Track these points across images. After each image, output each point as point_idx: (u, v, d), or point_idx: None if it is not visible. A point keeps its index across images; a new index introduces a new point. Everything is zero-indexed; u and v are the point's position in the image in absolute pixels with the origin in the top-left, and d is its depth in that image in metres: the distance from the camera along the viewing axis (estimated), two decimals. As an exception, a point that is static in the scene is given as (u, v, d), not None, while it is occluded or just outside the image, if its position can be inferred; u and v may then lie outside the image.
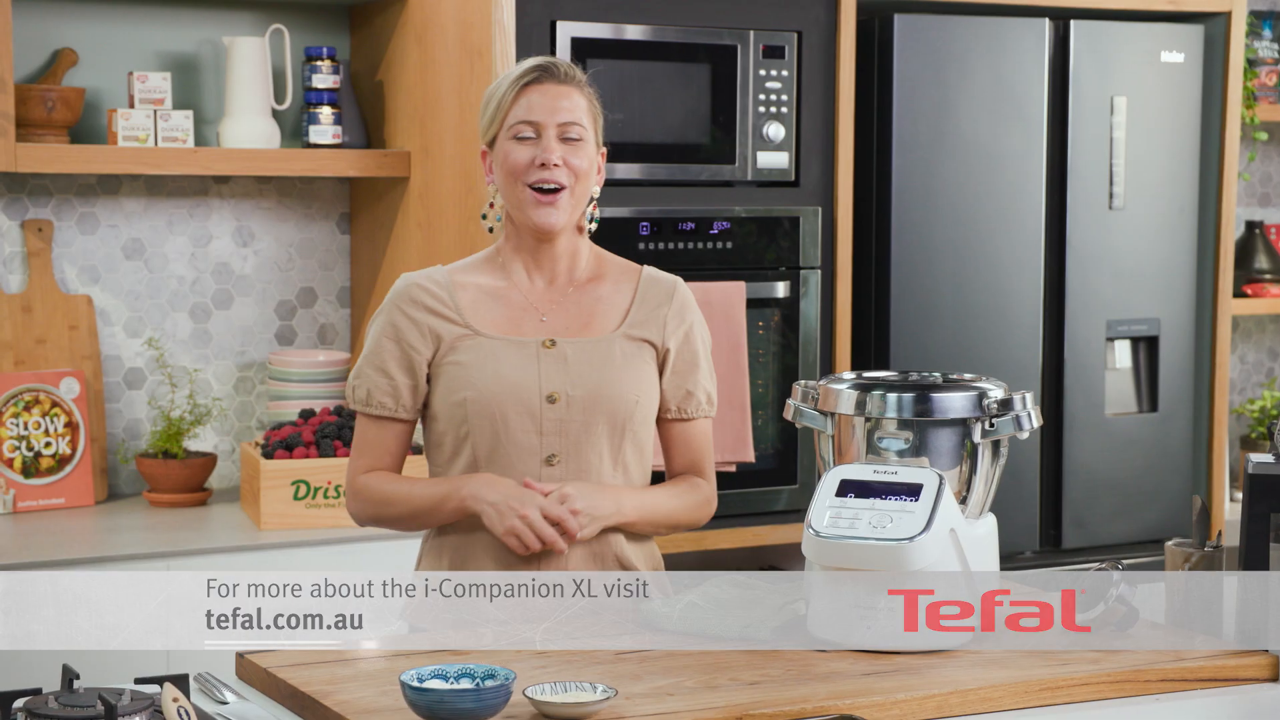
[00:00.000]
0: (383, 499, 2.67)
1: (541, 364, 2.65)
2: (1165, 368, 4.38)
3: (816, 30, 3.99)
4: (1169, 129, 4.36)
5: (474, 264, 2.75)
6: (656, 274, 2.78)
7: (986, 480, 2.53)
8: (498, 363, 2.63)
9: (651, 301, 2.73)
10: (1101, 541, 4.31)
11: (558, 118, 2.64)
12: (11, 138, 3.59)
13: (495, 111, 2.67)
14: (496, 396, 2.62)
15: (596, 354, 2.67)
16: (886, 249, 4.07)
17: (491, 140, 2.69)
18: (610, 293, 2.73)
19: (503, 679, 2.10)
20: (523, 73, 2.66)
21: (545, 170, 2.62)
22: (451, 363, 2.64)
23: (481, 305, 2.68)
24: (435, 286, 2.69)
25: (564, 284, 2.72)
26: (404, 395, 2.67)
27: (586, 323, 2.70)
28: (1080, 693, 2.31)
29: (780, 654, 2.41)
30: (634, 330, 2.71)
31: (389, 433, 2.69)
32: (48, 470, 3.80)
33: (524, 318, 2.68)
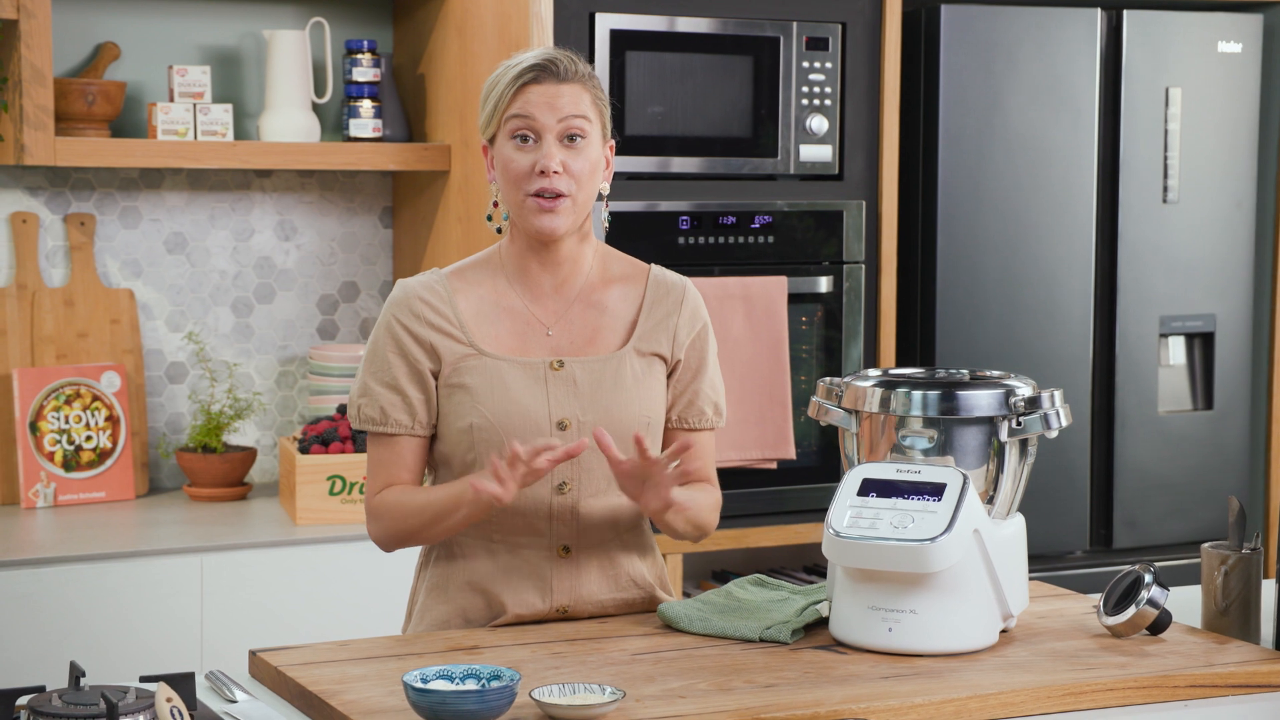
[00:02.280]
0: (403, 512, 2.51)
1: (550, 389, 2.52)
2: (1221, 365, 4.30)
3: (861, 21, 3.94)
4: (1226, 121, 4.27)
5: (474, 267, 2.59)
6: (664, 276, 2.63)
7: (1014, 480, 2.47)
8: (506, 388, 2.50)
9: (661, 310, 2.59)
10: (1154, 542, 4.23)
11: (559, 119, 2.48)
12: (51, 131, 3.59)
13: (494, 110, 2.52)
14: (505, 424, 2.49)
15: (606, 375, 2.53)
16: (932, 243, 4.01)
17: (491, 138, 2.55)
18: (617, 300, 2.59)
19: (508, 680, 2.07)
20: (521, 70, 2.50)
21: (546, 179, 2.47)
22: (457, 385, 2.51)
23: (485, 318, 2.54)
24: (436, 298, 2.54)
25: (569, 291, 2.57)
26: (419, 410, 2.53)
27: (593, 337, 2.56)
28: (1105, 698, 2.25)
29: (799, 656, 2.37)
30: (643, 344, 2.57)
31: (406, 449, 2.54)
32: (88, 464, 3.80)
33: (529, 332, 2.55)
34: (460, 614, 2.56)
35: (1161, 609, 2.46)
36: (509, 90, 2.51)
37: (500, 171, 2.52)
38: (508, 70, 2.53)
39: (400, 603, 3.52)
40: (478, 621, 2.55)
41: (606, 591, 2.58)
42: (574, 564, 2.56)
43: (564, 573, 2.55)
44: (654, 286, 2.62)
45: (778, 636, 2.42)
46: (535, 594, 2.54)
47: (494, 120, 2.52)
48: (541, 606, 2.54)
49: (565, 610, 2.56)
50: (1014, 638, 2.47)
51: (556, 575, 2.55)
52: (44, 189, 3.88)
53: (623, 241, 3.71)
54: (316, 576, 3.50)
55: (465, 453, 2.52)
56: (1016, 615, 2.48)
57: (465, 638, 2.45)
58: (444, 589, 2.58)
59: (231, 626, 3.42)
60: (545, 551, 2.55)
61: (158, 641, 3.37)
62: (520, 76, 2.51)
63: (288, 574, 3.48)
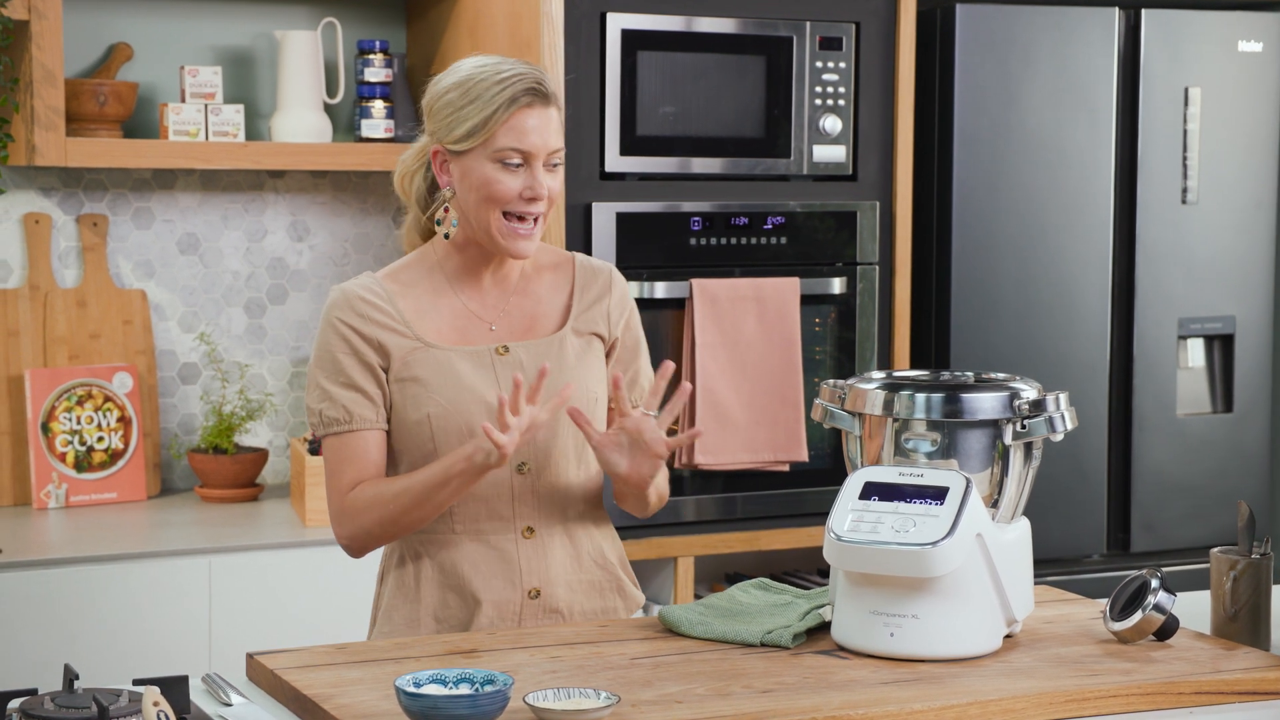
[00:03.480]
0: (382, 500, 2.48)
1: (499, 373, 2.54)
2: (1241, 367, 4.26)
3: (875, 21, 3.91)
4: (1246, 121, 4.23)
5: (406, 269, 2.59)
6: (590, 261, 2.68)
7: (1019, 483, 2.44)
8: (457, 375, 2.52)
9: (591, 293, 2.63)
10: (1172, 546, 4.19)
11: (549, 146, 2.49)
12: (62, 132, 3.59)
13: (478, 128, 2.47)
14: (461, 411, 2.50)
15: (549, 355, 2.57)
16: (947, 245, 3.98)
17: (460, 151, 2.50)
18: (548, 288, 2.62)
19: (501, 685, 2.05)
20: (517, 94, 2.47)
21: (533, 204, 2.49)
22: (409, 378, 2.52)
23: (425, 315, 2.55)
24: (376, 298, 2.53)
25: (507, 286, 2.60)
26: (380, 405, 2.53)
27: (530, 324, 2.60)
28: (1109, 705, 2.22)
29: (800, 661, 2.35)
30: (581, 325, 2.61)
31: (372, 444, 2.53)
32: (100, 465, 3.80)
33: (470, 327, 2.57)
34: (431, 614, 2.56)
35: (1168, 614, 2.43)
36: (502, 113, 2.47)
37: (475, 188, 2.50)
38: (492, 85, 2.48)
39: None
40: (451, 620, 2.55)
41: (572, 572, 2.60)
42: (539, 544, 2.57)
43: (530, 554, 2.57)
44: (581, 271, 2.66)
45: (779, 641, 2.40)
46: (504, 579, 2.55)
47: (475, 138, 2.48)
48: (512, 592, 2.55)
49: (536, 592, 2.56)
50: (1018, 643, 2.44)
51: (523, 557, 2.56)
52: (57, 190, 3.88)
53: (634, 242, 3.71)
54: (325, 578, 3.49)
55: (424, 443, 2.52)
56: (1021, 620, 2.46)
57: (464, 641, 2.43)
58: (412, 588, 2.58)
59: (240, 628, 3.42)
60: (510, 534, 2.56)
61: (166, 643, 3.36)
62: (516, 100, 2.48)
63: (296, 575, 3.48)
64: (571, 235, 3.67)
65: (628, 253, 3.70)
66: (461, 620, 2.56)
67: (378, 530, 2.52)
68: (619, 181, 3.73)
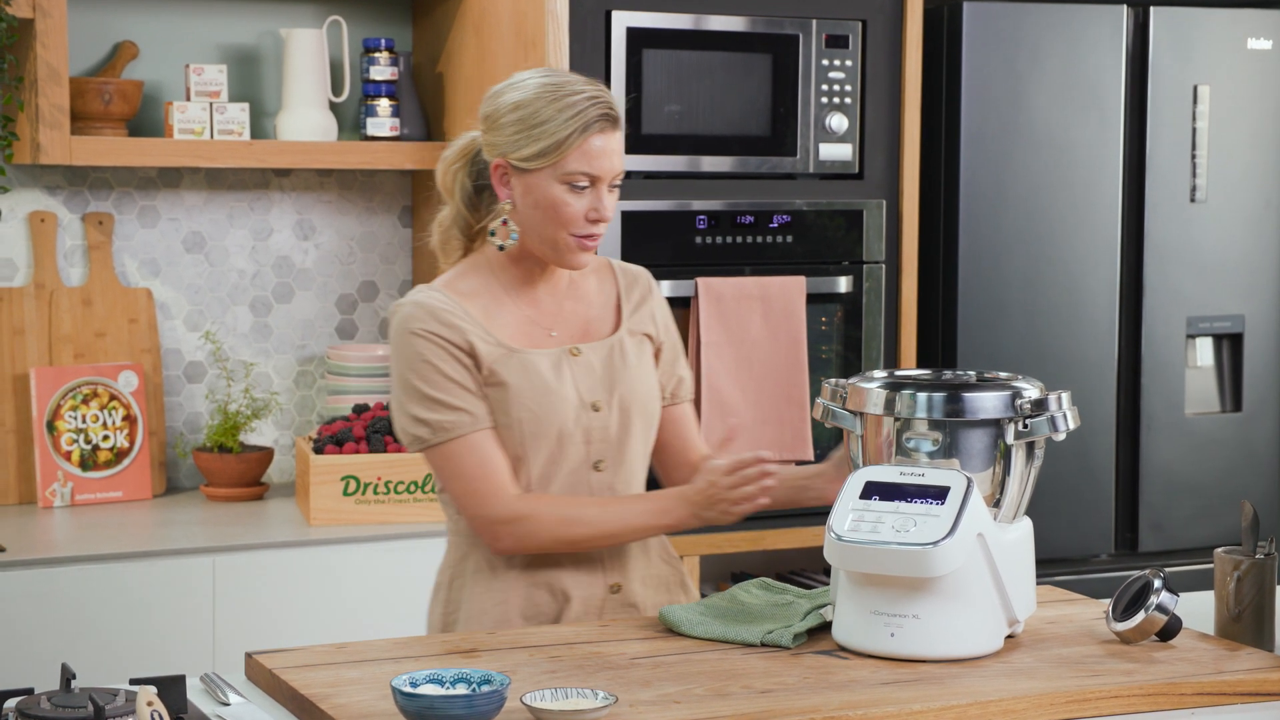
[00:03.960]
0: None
1: (575, 374, 2.60)
2: (1250, 366, 4.24)
3: (882, 19, 3.90)
4: (1255, 119, 4.22)
5: (462, 278, 2.62)
6: (627, 266, 2.75)
7: (1020, 483, 2.43)
8: (544, 379, 2.56)
9: (636, 295, 2.71)
10: (1180, 545, 4.18)
11: (615, 170, 2.55)
12: (67, 131, 3.59)
13: (550, 149, 2.50)
14: (551, 414, 2.56)
15: (614, 356, 2.64)
16: (954, 243, 3.96)
17: (528, 169, 2.53)
18: (595, 292, 2.69)
19: (498, 685, 2.05)
20: (591, 120, 2.50)
21: (598, 225, 2.55)
22: (497, 384, 2.55)
23: (495, 321, 2.58)
24: (451, 305, 2.56)
25: (558, 291, 2.66)
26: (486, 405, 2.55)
27: (585, 328, 2.66)
28: (1109, 705, 2.21)
29: (800, 661, 2.34)
30: (633, 326, 2.69)
31: (496, 442, 2.56)
32: (105, 463, 3.80)
33: (534, 332, 2.61)
34: (519, 612, 2.59)
35: (1171, 615, 2.42)
36: (577, 137, 2.50)
37: (540, 207, 2.53)
38: (568, 107, 2.50)
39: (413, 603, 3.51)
40: (540, 618, 2.58)
41: (645, 567, 2.67)
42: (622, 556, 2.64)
43: (610, 549, 2.62)
44: (622, 274, 2.73)
45: (779, 641, 2.39)
46: (589, 574, 2.61)
47: (547, 158, 2.51)
48: (596, 587, 2.62)
49: (617, 586, 2.63)
50: (1020, 643, 2.43)
51: (605, 552, 2.62)
52: (62, 188, 3.88)
53: (640, 241, 3.70)
54: (329, 577, 3.49)
55: (513, 448, 2.57)
56: (1023, 620, 2.44)
57: (463, 640, 2.43)
58: (498, 589, 2.59)
59: (244, 627, 3.41)
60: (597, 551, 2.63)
61: (169, 642, 3.36)
62: (590, 126, 2.51)
63: (300, 575, 3.47)
64: (576, 234, 3.66)
65: (633, 251, 3.69)
66: (550, 616, 2.60)
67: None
68: (625, 180, 3.70)
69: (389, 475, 3.60)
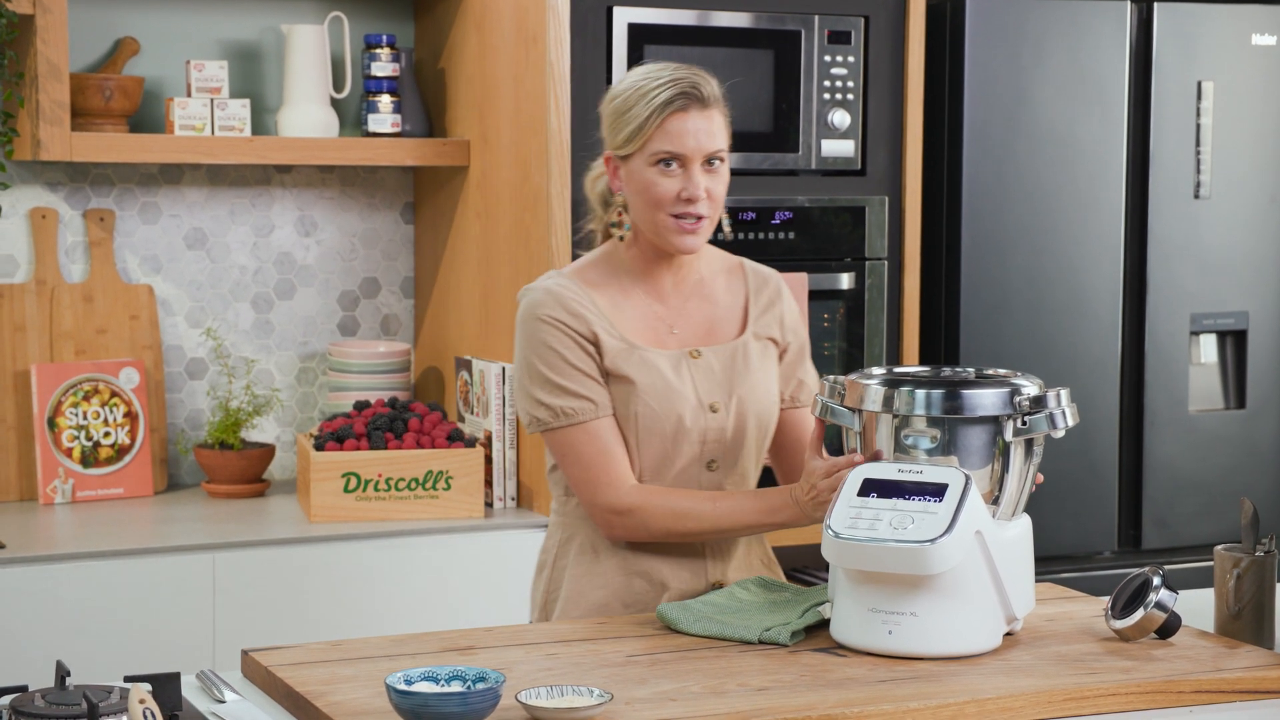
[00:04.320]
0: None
1: (694, 375, 2.63)
2: (1254, 363, 4.22)
3: (884, 14, 3.89)
4: (1259, 115, 4.20)
5: (592, 268, 2.67)
6: (758, 267, 2.77)
7: (1019, 480, 2.42)
8: (664, 377, 2.60)
9: (765, 299, 2.72)
10: (1184, 543, 4.16)
11: (705, 149, 2.56)
12: (67, 127, 3.58)
13: (635, 133, 2.56)
14: (669, 411, 2.59)
15: (737, 359, 2.66)
16: (957, 240, 3.95)
17: (625, 155, 2.60)
18: (723, 293, 2.71)
19: (492, 682, 2.04)
20: (670, 98, 2.55)
21: (691, 204, 2.56)
22: (619, 377, 2.59)
23: (620, 315, 2.63)
24: (579, 294, 2.61)
25: (685, 288, 2.68)
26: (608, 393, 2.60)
27: (709, 328, 2.68)
28: (1107, 703, 2.21)
29: (797, 658, 2.33)
30: (759, 329, 2.70)
31: (616, 431, 2.60)
32: (106, 460, 3.80)
33: (657, 328, 2.65)
34: (619, 598, 2.62)
35: (1170, 612, 2.41)
36: (656, 117, 2.55)
37: (638, 192, 2.59)
38: (649, 91, 2.56)
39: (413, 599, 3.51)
40: (637, 605, 2.61)
41: (744, 570, 2.68)
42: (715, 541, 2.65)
43: (715, 547, 2.65)
44: (753, 276, 2.75)
45: (777, 638, 2.38)
46: (690, 570, 2.64)
47: (634, 142, 2.57)
48: (696, 582, 2.64)
49: (719, 584, 2.65)
50: (1019, 641, 2.43)
51: (710, 549, 2.65)
52: (63, 184, 3.88)
53: (640, 237, 3.68)
54: (330, 575, 3.48)
55: (629, 439, 2.60)
56: (1022, 618, 2.44)
57: (461, 638, 2.42)
58: (593, 567, 2.64)
59: (244, 624, 3.41)
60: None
61: (170, 639, 3.35)
62: (669, 104, 2.55)
63: (301, 572, 3.47)
64: (578, 230, 3.65)
65: (634, 248, 3.67)
66: (647, 605, 2.62)
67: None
68: (626, 176, 3.71)
69: (389, 472, 3.60)
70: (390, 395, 3.87)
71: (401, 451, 3.62)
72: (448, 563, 3.56)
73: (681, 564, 2.63)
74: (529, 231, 3.67)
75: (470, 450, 3.64)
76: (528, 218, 3.68)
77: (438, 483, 3.62)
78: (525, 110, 3.67)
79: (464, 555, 3.57)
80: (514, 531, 3.63)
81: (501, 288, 3.80)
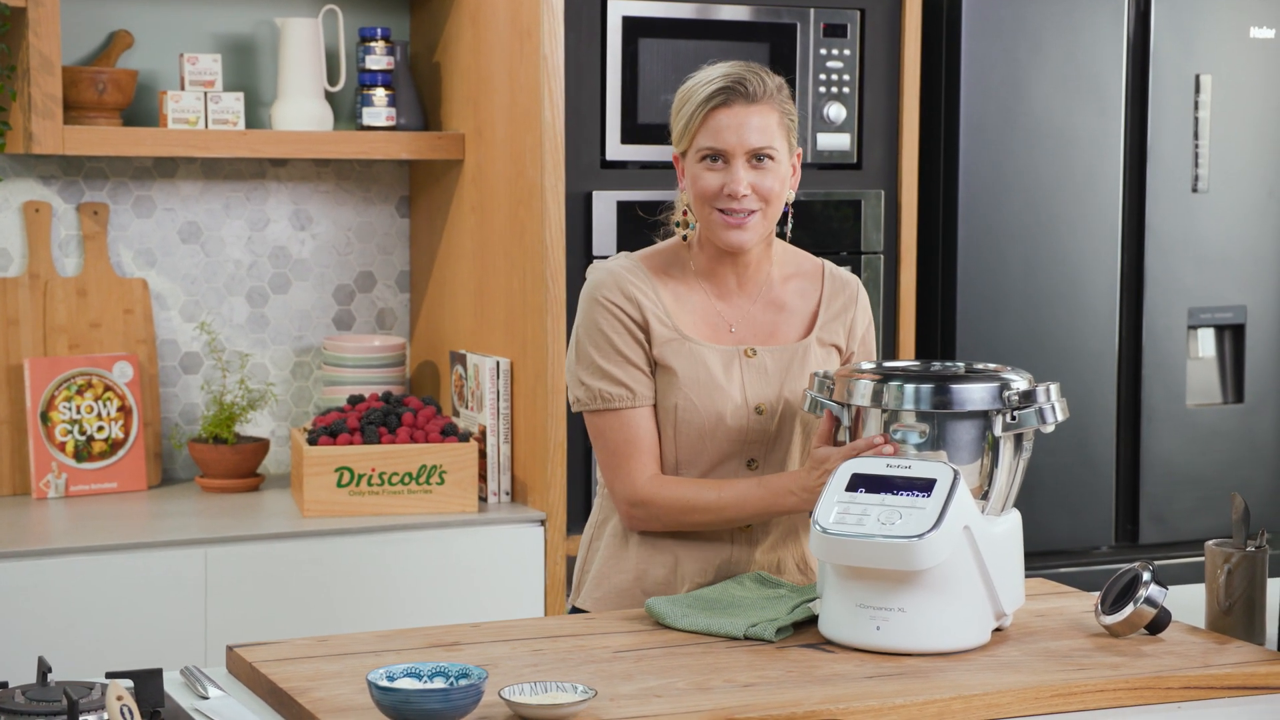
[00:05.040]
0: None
1: (745, 374, 2.63)
2: (1252, 357, 4.21)
3: (880, 7, 3.88)
4: (1258, 108, 4.18)
5: (661, 256, 2.69)
6: (839, 272, 2.76)
7: (1009, 475, 2.41)
8: (710, 371, 2.61)
9: (838, 304, 2.71)
10: (1181, 537, 4.15)
11: (746, 145, 2.56)
12: (59, 120, 3.57)
13: (684, 129, 2.60)
14: (709, 407, 2.60)
15: (794, 363, 2.65)
16: (953, 234, 3.94)
17: (684, 151, 2.62)
18: (795, 296, 2.70)
19: (475, 679, 2.03)
20: (711, 93, 2.57)
21: (734, 200, 2.56)
22: (664, 366, 2.61)
23: (681, 306, 2.64)
24: (641, 281, 2.63)
25: (752, 290, 2.68)
26: (652, 382, 2.62)
27: (773, 330, 2.68)
28: (1095, 699, 2.19)
29: (785, 655, 2.32)
30: (824, 335, 2.69)
31: (652, 420, 2.62)
32: (100, 454, 3.79)
33: (715, 324, 2.65)
34: (639, 584, 2.63)
35: (1160, 608, 2.40)
36: (699, 113, 2.57)
37: (690, 187, 2.62)
38: (698, 88, 2.59)
39: (405, 594, 3.50)
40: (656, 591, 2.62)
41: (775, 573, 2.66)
42: (752, 540, 2.65)
43: (743, 547, 2.65)
44: (830, 281, 2.73)
45: (762, 634, 2.37)
46: (713, 569, 2.64)
47: (685, 138, 2.60)
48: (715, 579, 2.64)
49: None
50: (1008, 636, 2.41)
51: (736, 549, 2.64)
52: (57, 178, 3.87)
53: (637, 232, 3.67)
54: (322, 569, 3.47)
55: (665, 430, 2.61)
56: (1011, 614, 2.42)
57: (446, 634, 2.41)
58: (622, 550, 2.66)
59: (236, 619, 3.40)
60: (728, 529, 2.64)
61: (161, 634, 3.35)
62: (710, 100, 2.57)
63: (293, 567, 3.46)
64: (572, 224, 3.64)
65: (628, 242, 3.66)
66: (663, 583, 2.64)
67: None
68: (620, 170, 3.70)
69: (383, 466, 3.59)
70: (385, 390, 3.86)
71: (395, 446, 3.61)
72: (441, 558, 3.55)
73: (704, 559, 2.63)
74: (523, 225, 3.66)
75: (464, 445, 3.64)
76: (522, 211, 3.66)
77: (431, 477, 3.61)
78: (519, 104, 3.66)
79: (458, 550, 3.56)
80: (508, 526, 3.62)
81: (496, 281, 3.79)
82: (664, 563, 2.64)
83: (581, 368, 2.63)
